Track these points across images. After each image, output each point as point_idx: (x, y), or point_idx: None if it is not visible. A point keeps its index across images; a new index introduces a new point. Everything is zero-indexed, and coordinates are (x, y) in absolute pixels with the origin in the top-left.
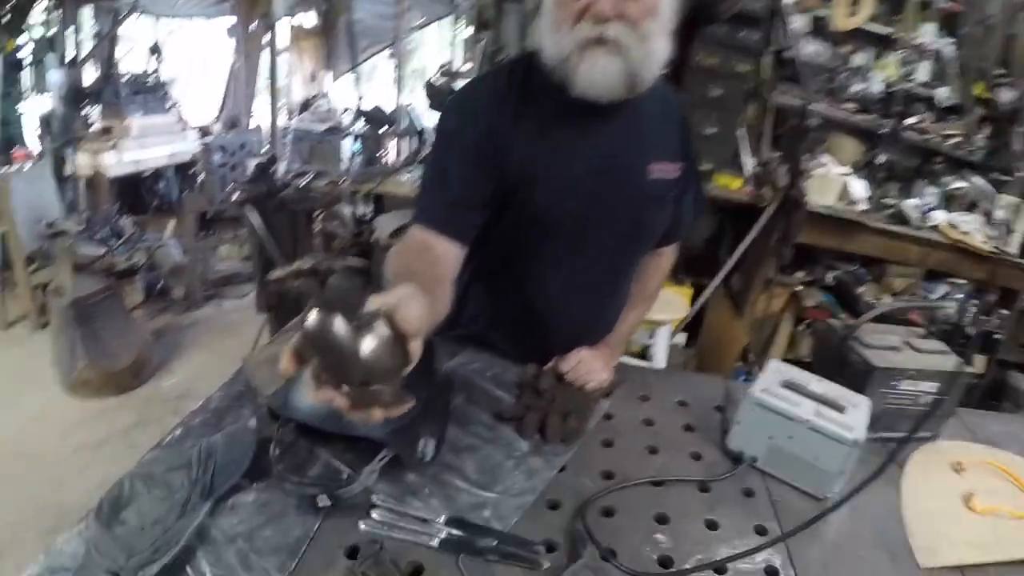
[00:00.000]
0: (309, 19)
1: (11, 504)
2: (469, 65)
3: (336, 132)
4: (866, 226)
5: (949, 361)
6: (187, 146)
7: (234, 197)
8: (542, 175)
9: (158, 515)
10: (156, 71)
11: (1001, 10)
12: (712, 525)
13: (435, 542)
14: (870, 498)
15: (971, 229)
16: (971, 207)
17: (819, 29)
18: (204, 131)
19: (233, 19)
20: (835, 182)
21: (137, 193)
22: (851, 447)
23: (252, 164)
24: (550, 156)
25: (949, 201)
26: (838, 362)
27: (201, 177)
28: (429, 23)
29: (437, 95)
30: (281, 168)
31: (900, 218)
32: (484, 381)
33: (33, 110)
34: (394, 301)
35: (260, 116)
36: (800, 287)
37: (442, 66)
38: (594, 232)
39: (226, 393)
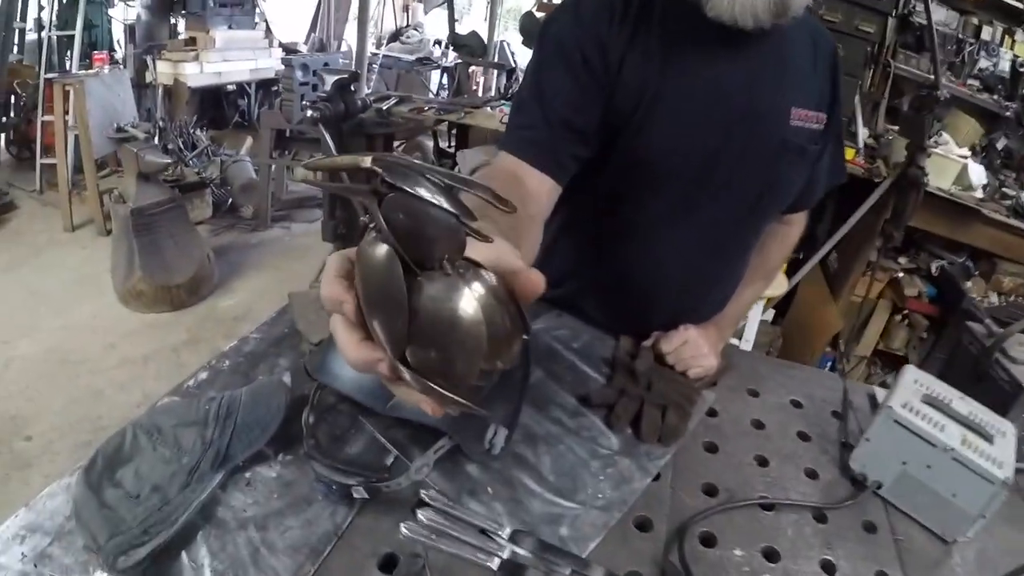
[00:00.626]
0: None
1: (48, 412)
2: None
3: (426, 63)
4: (982, 215)
5: None
6: (271, 63)
7: (307, 114)
8: (660, 106)
9: (159, 480)
10: None
11: None
12: (828, 567)
13: (494, 563)
14: (1002, 543)
15: None
16: None
17: None
18: (289, 50)
19: None
20: (953, 165)
21: (218, 107)
22: (999, 487)
23: (331, 81)
24: (672, 83)
25: None
26: (976, 375)
27: (281, 95)
28: None
29: (533, 29)
30: (364, 90)
31: (1018, 211)
32: (569, 353)
33: (120, 17)
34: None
35: (349, 42)
36: (901, 274)
37: None
38: (717, 185)
39: (265, 335)
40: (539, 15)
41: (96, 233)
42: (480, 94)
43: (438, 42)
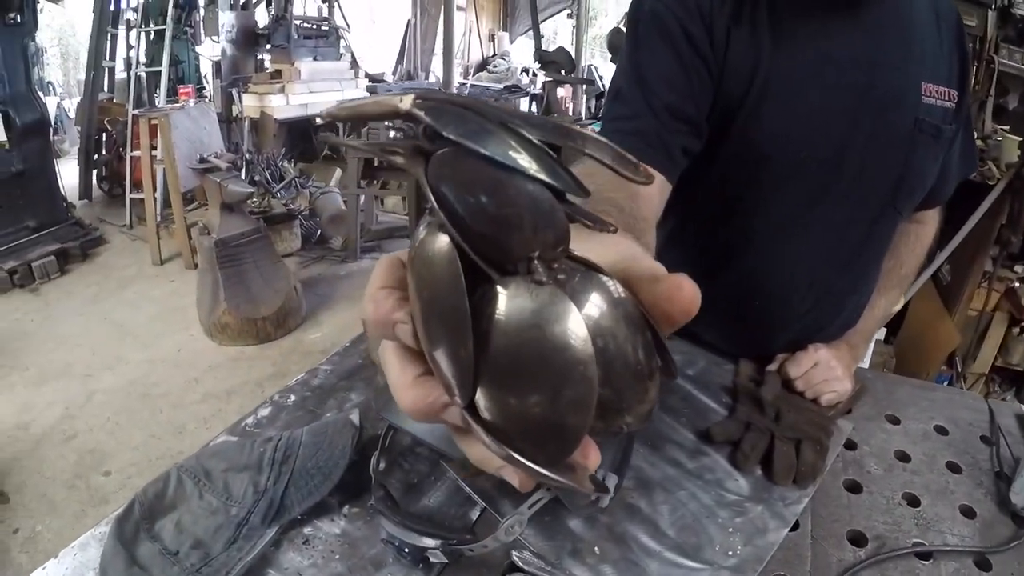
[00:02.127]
0: None
1: (127, 447)
2: None
3: (514, 91)
4: None
5: None
6: (358, 94)
7: (392, 135)
8: (776, 87)
9: (202, 533)
10: (328, 18)
11: None
12: None
13: None
14: None
15: None
16: None
17: None
18: (376, 80)
19: None
20: None
21: (307, 139)
22: None
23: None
24: (787, 61)
25: None
26: None
27: (368, 124)
28: None
29: (620, 44)
30: None
31: None
32: (684, 382)
33: (207, 53)
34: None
35: (436, 73)
36: (1018, 283)
37: (626, 12)
38: (847, 178)
39: (336, 366)
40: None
41: (183, 266)
42: (571, 112)
43: (525, 70)
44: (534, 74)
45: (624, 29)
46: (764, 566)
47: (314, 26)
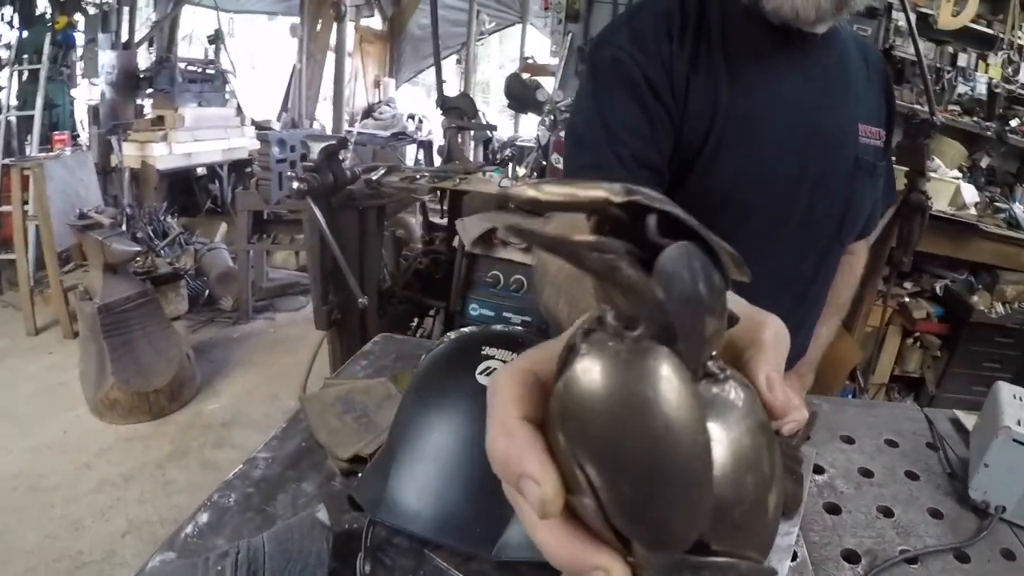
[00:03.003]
0: (375, 23)
1: (20, 552)
2: (555, 60)
3: (401, 138)
4: (981, 232)
5: None
6: (244, 142)
7: (294, 186)
8: (733, 130)
9: None
10: (215, 61)
11: None
12: None
13: None
14: None
15: None
16: None
17: (922, 29)
18: (263, 128)
19: (296, 19)
20: (948, 186)
21: (189, 192)
22: None
23: (317, 148)
24: (742, 104)
25: None
26: None
27: (257, 174)
28: (499, 29)
29: (519, 91)
30: (347, 160)
31: (1011, 223)
32: None
33: (84, 96)
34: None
35: (322, 120)
36: (907, 298)
37: (525, 59)
38: (798, 215)
39: (276, 453)
40: (525, 76)
41: (62, 336)
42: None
43: (411, 116)
44: (420, 120)
45: (522, 76)
46: None
47: (200, 69)
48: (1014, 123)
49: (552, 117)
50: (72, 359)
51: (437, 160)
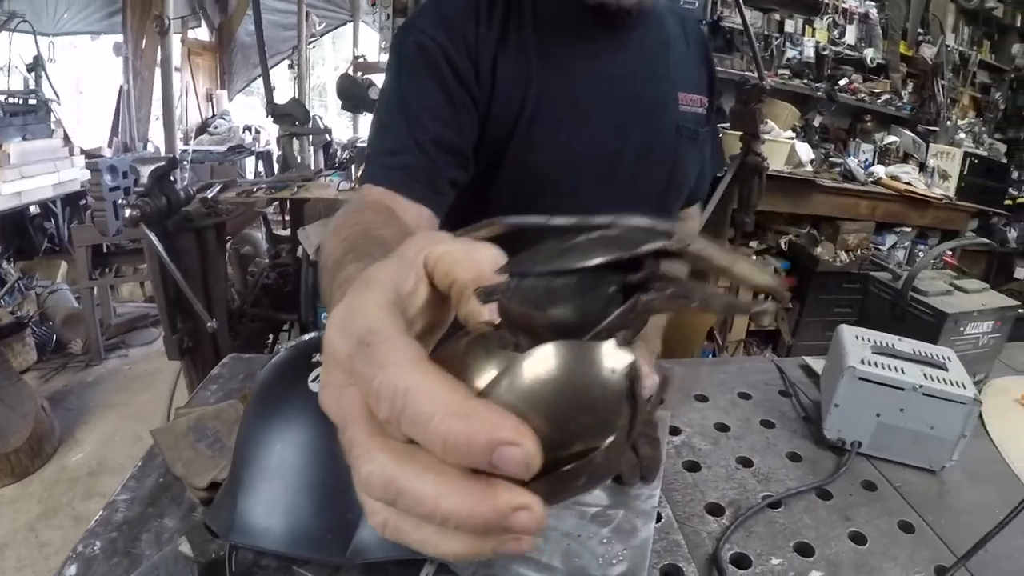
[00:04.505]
0: (203, 34)
1: None
2: (387, 56)
3: (239, 151)
4: (819, 186)
5: (999, 298)
6: (75, 174)
7: (127, 214)
8: (547, 109)
9: None
10: (36, 91)
11: None
12: (858, 538)
13: None
14: (978, 455)
15: (911, 179)
16: (904, 159)
17: None
18: (93, 156)
19: (119, 37)
20: (782, 146)
21: (23, 234)
22: (971, 405)
23: (146, 172)
24: (557, 82)
25: (883, 155)
26: (895, 317)
27: (91, 205)
28: (330, 30)
29: (352, 91)
30: (183, 179)
31: (846, 176)
32: None
33: None
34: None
35: (155, 141)
36: (754, 256)
37: (356, 58)
38: (622, 185)
39: (135, 493)
40: (357, 75)
41: None
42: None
43: (248, 128)
44: (257, 131)
45: (353, 75)
46: (649, 562)
47: (21, 100)
48: (843, 82)
49: None
50: None
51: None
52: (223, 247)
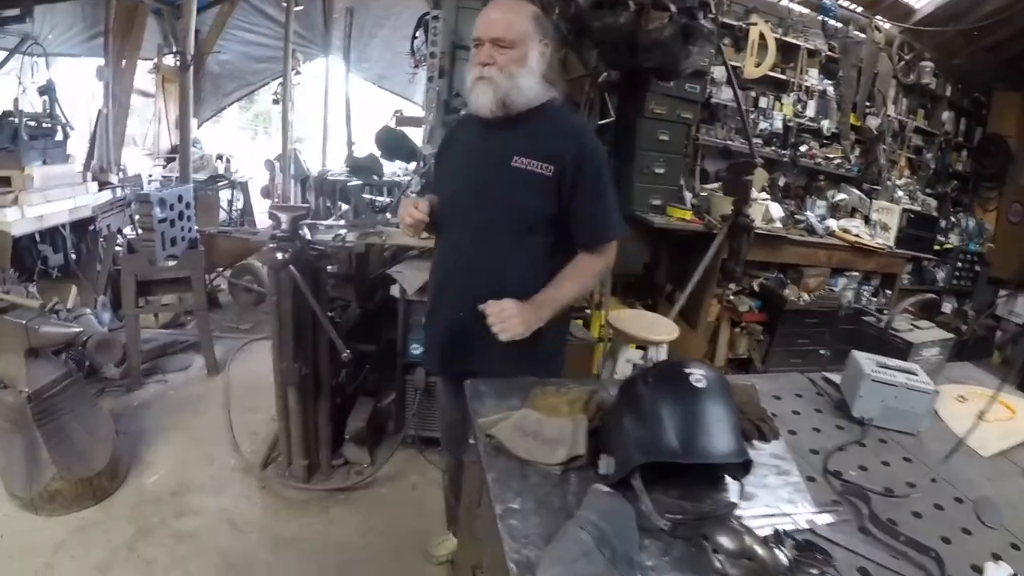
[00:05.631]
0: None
1: None
2: (423, 112)
3: (219, 181)
4: (788, 239)
5: (941, 333)
6: (88, 199)
7: (278, 256)
8: (443, 162)
9: None
10: (53, 114)
11: (867, 55)
12: (884, 464)
13: None
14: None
15: (859, 232)
16: (852, 213)
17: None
18: (103, 183)
19: (101, 60)
20: (759, 207)
21: (33, 256)
22: (933, 395)
23: (287, 218)
24: (449, 150)
25: (834, 210)
26: (878, 346)
27: (140, 235)
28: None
29: (391, 141)
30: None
31: (809, 230)
32: None
33: None
34: None
35: (130, 166)
36: (732, 297)
37: (395, 112)
38: (480, 206)
39: (523, 505)
40: (395, 127)
41: None
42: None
43: (219, 157)
44: (228, 160)
45: (392, 126)
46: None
47: (39, 124)
48: (803, 148)
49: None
50: None
51: (257, 200)
52: (326, 285)
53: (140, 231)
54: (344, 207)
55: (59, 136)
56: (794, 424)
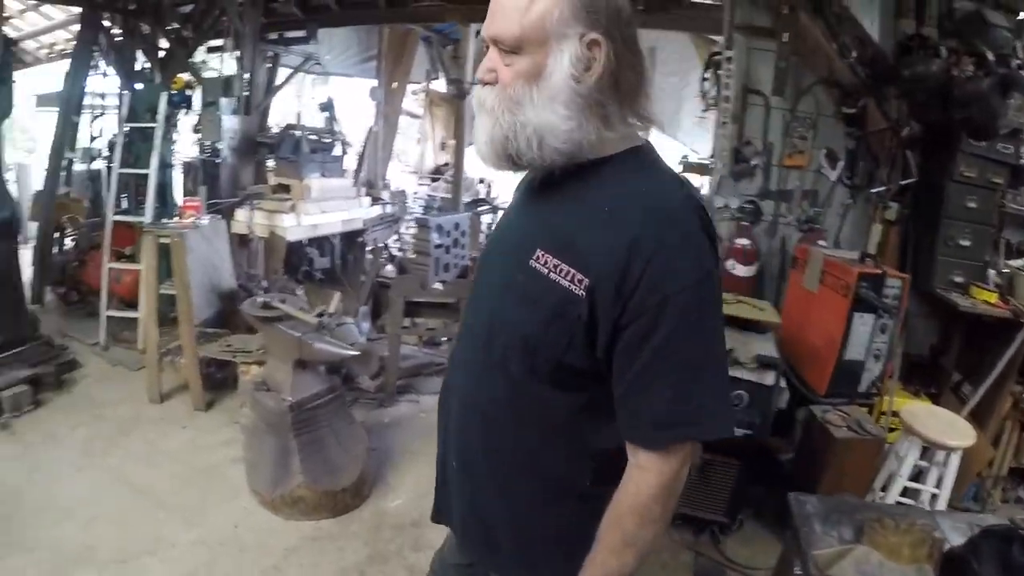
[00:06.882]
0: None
1: None
2: (714, 159)
3: (481, 204)
4: None
5: None
6: (360, 213)
7: None
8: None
9: None
10: (334, 130)
11: None
12: None
13: None
14: None
15: None
16: None
17: None
18: (375, 198)
19: (372, 81)
20: None
21: (301, 258)
22: None
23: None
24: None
25: None
26: None
27: (415, 259)
28: None
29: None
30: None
31: None
32: None
33: (183, 156)
34: None
35: (392, 181)
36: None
37: (683, 158)
38: (481, 311)
39: None
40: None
41: (191, 408)
42: None
43: (481, 180)
44: (489, 184)
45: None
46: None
47: (321, 139)
48: None
49: None
50: (212, 437)
51: None
52: None
53: (415, 254)
54: None
55: (337, 151)
56: None
